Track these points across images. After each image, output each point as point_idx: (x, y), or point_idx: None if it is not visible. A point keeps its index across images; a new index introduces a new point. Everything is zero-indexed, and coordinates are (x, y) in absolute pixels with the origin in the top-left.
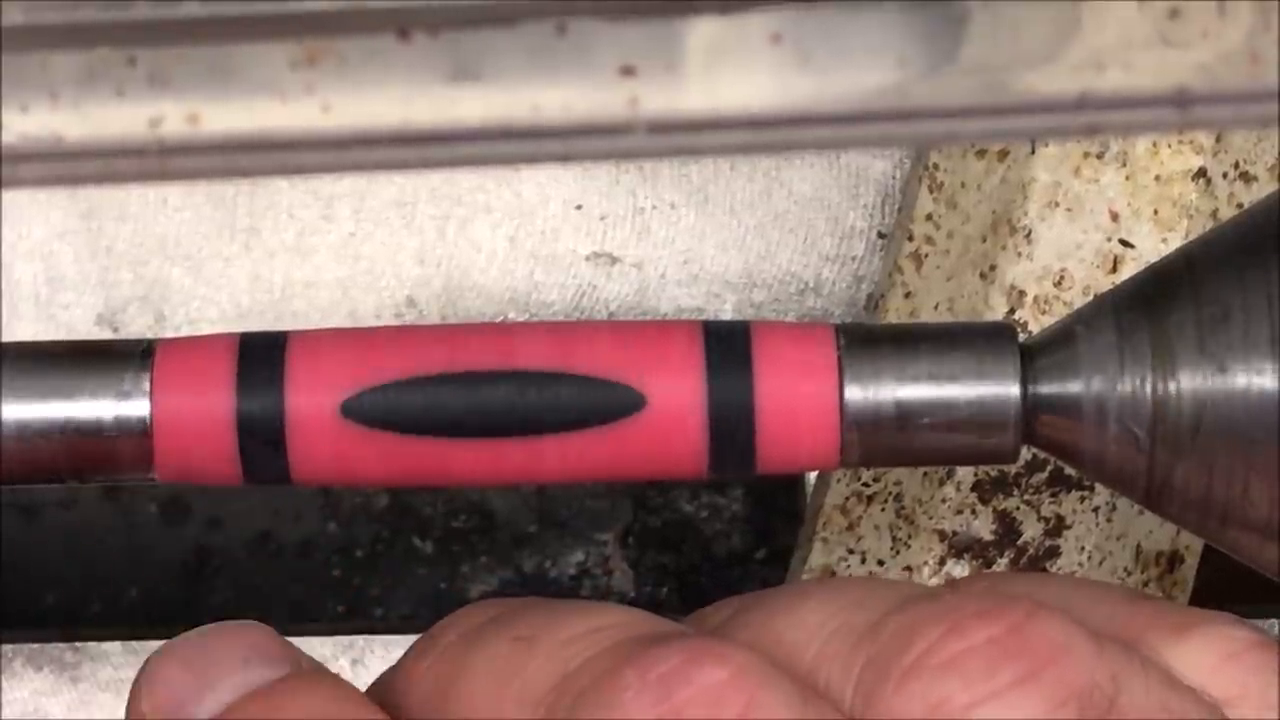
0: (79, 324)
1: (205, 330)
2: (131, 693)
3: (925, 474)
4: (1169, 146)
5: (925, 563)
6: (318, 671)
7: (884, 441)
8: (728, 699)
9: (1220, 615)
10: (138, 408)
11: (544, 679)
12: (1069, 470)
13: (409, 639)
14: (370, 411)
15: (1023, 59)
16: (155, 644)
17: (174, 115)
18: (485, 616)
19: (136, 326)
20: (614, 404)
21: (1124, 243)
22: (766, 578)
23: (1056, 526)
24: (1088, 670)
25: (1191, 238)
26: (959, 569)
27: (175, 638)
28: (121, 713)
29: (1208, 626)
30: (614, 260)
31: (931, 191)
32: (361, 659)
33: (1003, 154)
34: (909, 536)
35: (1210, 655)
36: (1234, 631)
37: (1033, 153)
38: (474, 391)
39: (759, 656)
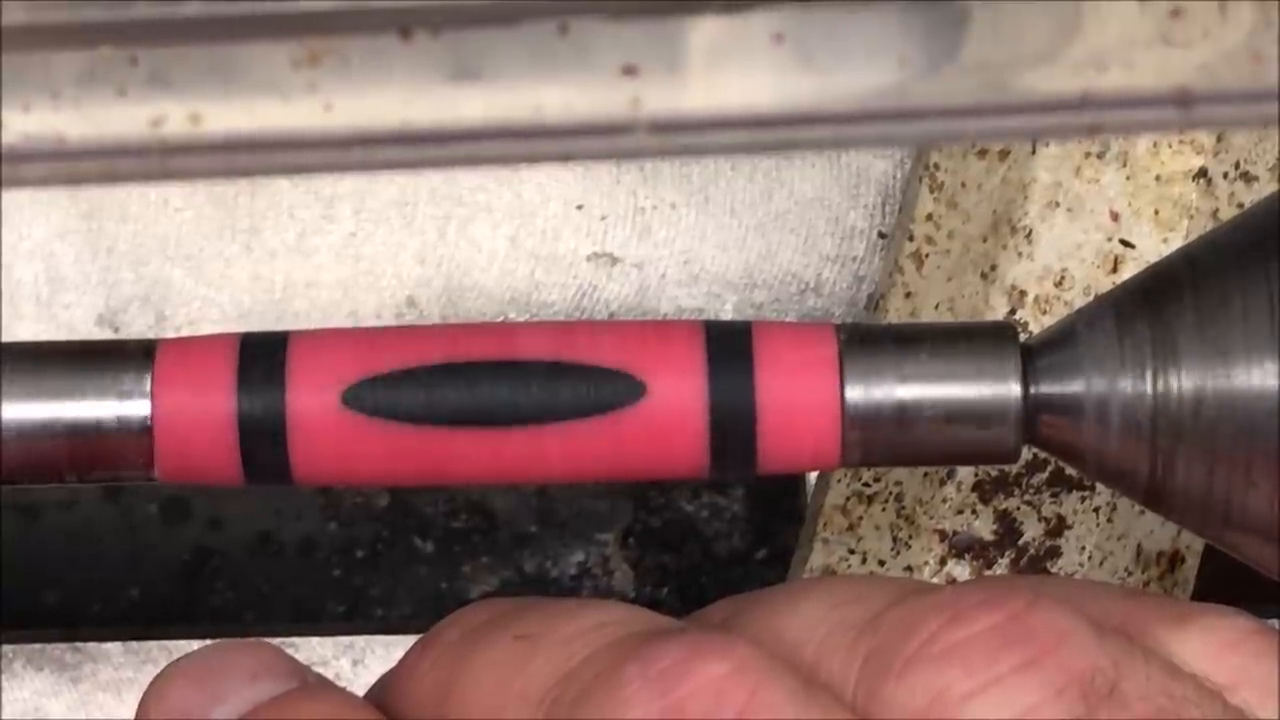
0: (79, 324)
1: (206, 330)
2: (139, 706)
3: (926, 474)
4: (1170, 146)
5: (926, 563)
6: (324, 685)
7: (885, 441)
8: (730, 692)
9: (1219, 606)
10: (138, 408)
11: (546, 677)
12: (1070, 470)
13: (410, 639)
14: (371, 402)
15: (1024, 58)
16: (155, 644)
17: (176, 115)
18: (486, 616)
19: (137, 327)
20: (615, 392)
21: (1124, 243)
22: (767, 578)
23: (1057, 526)
24: (1089, 657)
25: (1192, 238)
26: (960, 569)
27: (183, 656)
28: (122, 713)
29: (1207, 616)
30: (614, 260)
31: (932, 191)
32: (362, 659)
33: (1003, 154)
34: (910, 537)
35: (1210, 643)
36: (1234, 621)
37: (1033, 153)
38: (474, 381)
39: (761, 650)
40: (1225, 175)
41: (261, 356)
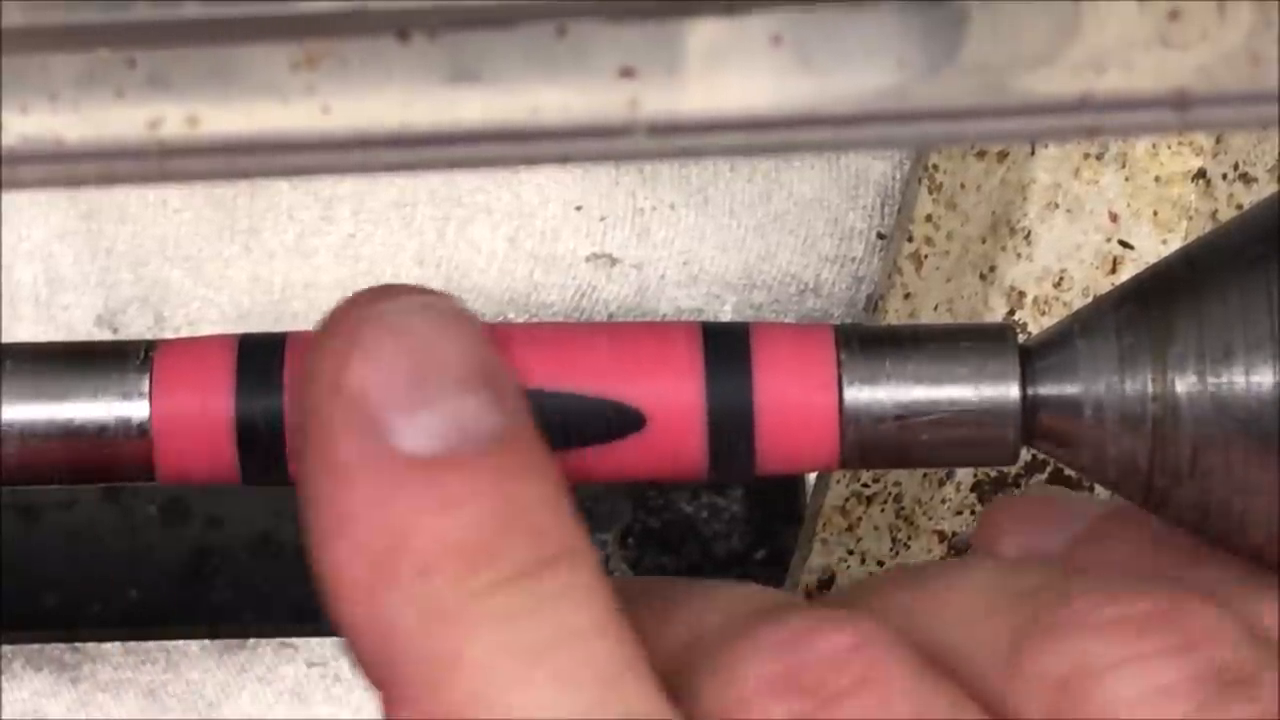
0: (79, 325)
1: (205, 331)
2: (335, 353)
3: (925, 475)
4: (1169, 148)
5: None
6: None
7: (884, 443)
8: (848, 664)
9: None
10: (137, 409)
11: (677, 638)
12: (1069, 471)
13: None
14: None
15: (1023, 60)
16: (155, 644)
17: (174, 117)
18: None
19: (136, 327)
20: (614, 423)
21: (1123, 244)
22: (766, 578)
23: None
24: (1237, 654)
25: (1191, 238)
26: None
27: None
28: (121, 713)
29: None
30: (614, 261)
31: (931, 193)
32: None
33: (1002, 155)
34: (909, 537)
35: None
36: None
37: (1032, 154)
38: None
39: (882, 626)
40: (1224, 176)
41: (260, 358)
